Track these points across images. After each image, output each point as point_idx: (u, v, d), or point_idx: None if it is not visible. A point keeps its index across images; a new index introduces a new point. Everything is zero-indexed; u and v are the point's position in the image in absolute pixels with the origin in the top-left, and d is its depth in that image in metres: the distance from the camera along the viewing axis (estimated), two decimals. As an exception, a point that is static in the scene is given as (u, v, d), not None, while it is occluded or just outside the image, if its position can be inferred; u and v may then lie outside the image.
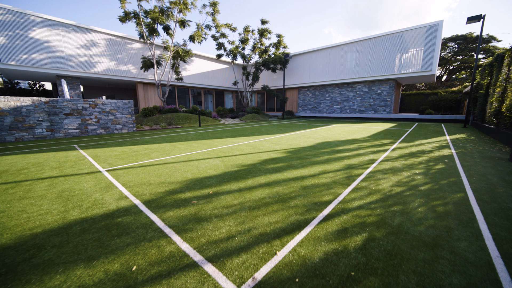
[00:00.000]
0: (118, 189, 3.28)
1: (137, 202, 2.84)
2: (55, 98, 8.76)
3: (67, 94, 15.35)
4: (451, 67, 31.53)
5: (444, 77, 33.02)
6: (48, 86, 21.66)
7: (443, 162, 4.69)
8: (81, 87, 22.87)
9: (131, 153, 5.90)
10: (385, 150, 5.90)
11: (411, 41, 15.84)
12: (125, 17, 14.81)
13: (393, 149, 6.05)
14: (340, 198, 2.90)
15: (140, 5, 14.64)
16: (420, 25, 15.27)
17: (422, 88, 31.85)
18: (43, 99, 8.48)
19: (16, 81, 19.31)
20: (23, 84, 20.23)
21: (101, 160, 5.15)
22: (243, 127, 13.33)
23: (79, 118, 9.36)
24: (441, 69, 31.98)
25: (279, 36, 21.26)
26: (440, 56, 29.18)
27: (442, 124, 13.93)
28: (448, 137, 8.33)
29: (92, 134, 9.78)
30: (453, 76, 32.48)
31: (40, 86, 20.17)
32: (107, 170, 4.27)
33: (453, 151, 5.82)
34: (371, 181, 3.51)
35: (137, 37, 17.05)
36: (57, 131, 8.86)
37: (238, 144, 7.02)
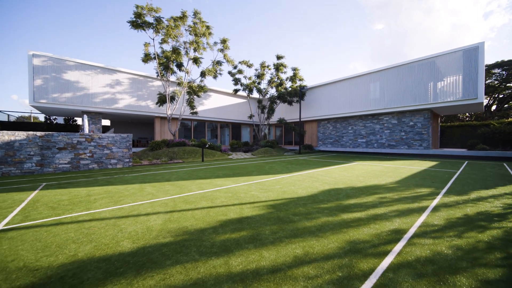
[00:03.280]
0: None
1: None
2: (50, 133, 8.67)
3: (86, 129, 16.09)
4: (501, 96, 27.35)
5: (494, 107, 28.58)
6: (80, 121, 23.77)
7: (540, 249, 2.55)
8: (107, 121, 24.71)
9: (82, 198, 4.83)
10: (422, 210, 3.85)
11: (446, 67, 13.80)
12: (146, 58, 15.88)
13: (435, 208, 3.96)
14: None
15: (161, 47, 15.67)
16: (455, 49, 13.36)
17: (467, 119, 27.76)
18: (38, 133, 8.41)
19: (54, 117, 21.57)
20: (60, 119, 22.53)
21: (32, 208, 4.11)
22: (247, 163, 11.95)
23: (72, 152, 9.06)
24: (489, 98, 27.92)
25: (294, 69, 20.95)
26: (485, 84, 25.70)
27: (505, 164, 10.74)
28: (522, 187, 5.74)
29: (84, 169, 9.31)
30: (506, 106, 27.91)
31: (73, 121, 22.19)
32: (0, 230, 3.13)
33: (547, 218, 3.51)
34: (387, 305, 1.67)
35: (159, 76, 18.11)
36: (46, 166, 8.54)
37: (217, 189, 5.57)
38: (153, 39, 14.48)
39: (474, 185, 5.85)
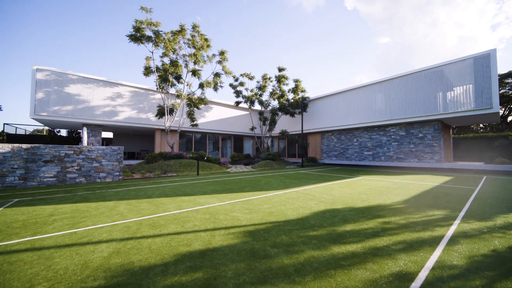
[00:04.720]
0: None
1: None
2: (37, 145, 8.39)
3: (85, 141, 15.95)
4: (516, 106, 25.92)
5: (510, 118, 27.10)
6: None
7: None
8: (110, 134, 24.83)
9: (41, 218, 4.30)
10: (435, 242, 3.06)
11: (455, 76, 13.06)
12: (147, 72, 15.96)
13: (452, 239, 3.15)
14: None
15: (162, 61, 15.75)
16: (465, 57, 12.67)
17: (481, 130, 26.34)
18: (24, 145, 8.14)
19: (57, 129, 21.86)
20: (64, 132, 22.83)
21: (-27, 232, 3.59)
22: (244, 177, 11.27)
23: (59, 165, 8.70)
24: (504, 109, 26.57)
25: (296, 81, 20.65)
26: (499, 94, 24.57)
27: (529, 180, 9.59)
28: (559, 209, 4.79)
29: (71, 183, 8.90)
30: (523, 116, 26.38)
31: (76, 133, 22.41)
32: None
33: None
34: None
35: (159, 89, 18.18)
36: (30, 180, 8.18)
37: (196, 209, 4.92)
38: (152, 52, 14.57)
39: (498, 207, 4.95)
